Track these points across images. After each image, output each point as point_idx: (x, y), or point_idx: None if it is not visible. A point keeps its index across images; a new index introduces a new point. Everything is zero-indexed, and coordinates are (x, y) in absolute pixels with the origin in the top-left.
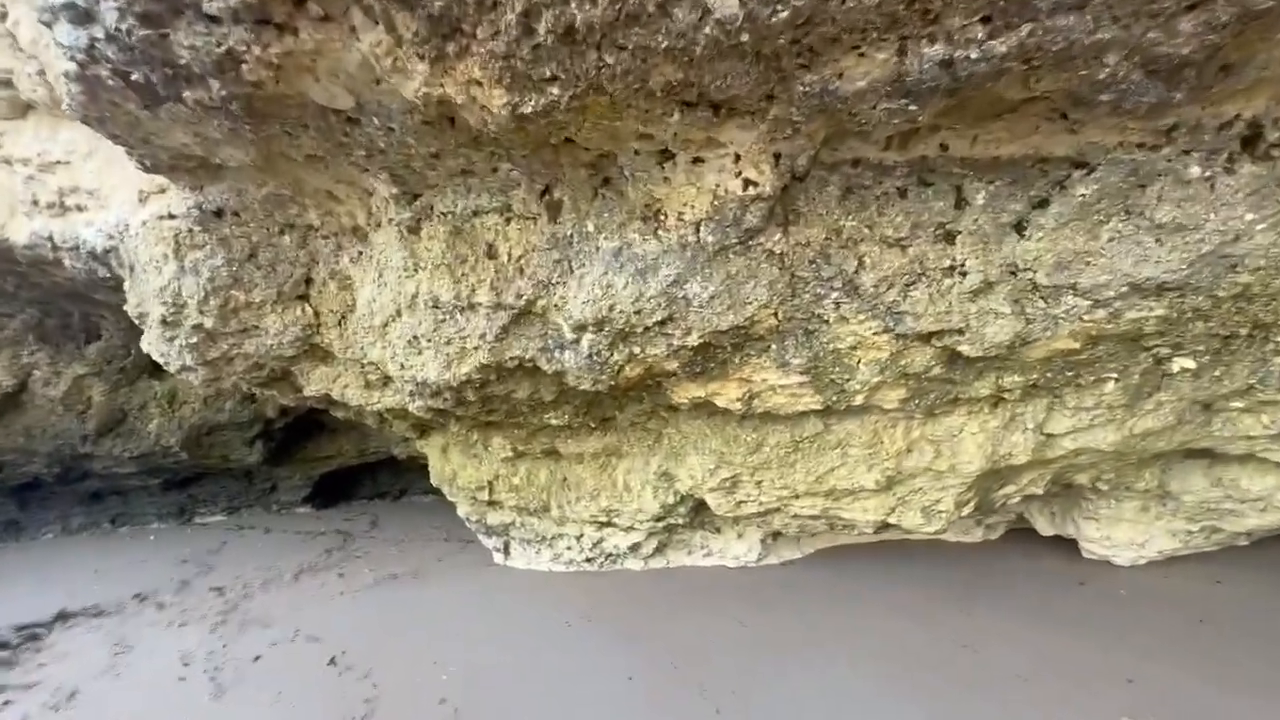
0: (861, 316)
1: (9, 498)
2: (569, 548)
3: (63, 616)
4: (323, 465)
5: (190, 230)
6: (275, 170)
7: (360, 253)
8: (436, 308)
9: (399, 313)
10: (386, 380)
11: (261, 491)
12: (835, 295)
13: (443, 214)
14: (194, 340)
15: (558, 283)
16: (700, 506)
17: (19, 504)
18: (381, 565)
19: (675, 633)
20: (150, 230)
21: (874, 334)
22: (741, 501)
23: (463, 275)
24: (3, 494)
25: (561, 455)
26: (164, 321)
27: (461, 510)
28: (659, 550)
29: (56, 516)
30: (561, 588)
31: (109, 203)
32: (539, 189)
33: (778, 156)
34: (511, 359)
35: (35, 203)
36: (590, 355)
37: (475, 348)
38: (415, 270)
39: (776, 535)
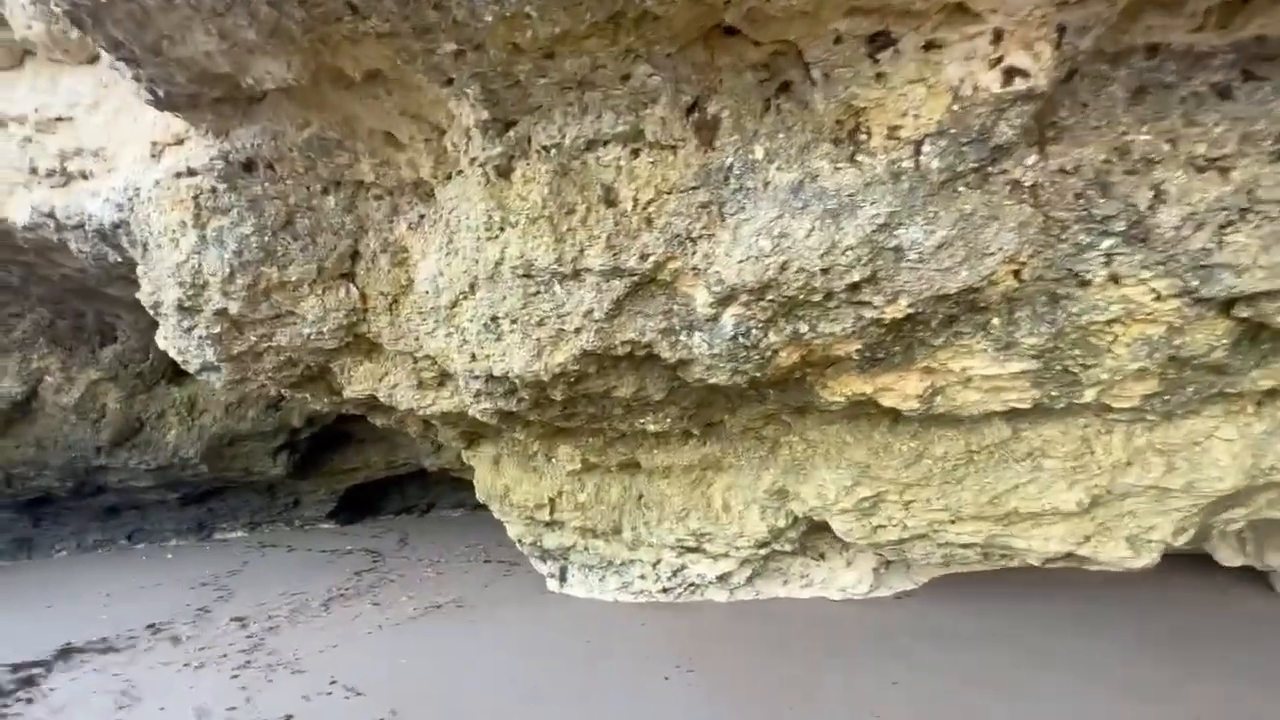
0: (1147, 273)
1: (21, 513)
2: (642, 576)
3: (65, 652)
4: (349, 478)
5: (214, 189)
6: (322, 101)
7: (422, 216)
8: (528, 277)
9: (474, 287)
10: (444, 378)
11: (284, 506)
12: (1110, 243)
13: (545, 148)
14: (216, 330)
15: (702, 235)
16: (811, 529)
17: (32, 520)
18: (420, 592)
19: (788, 685)
20: (165, 192)
21: (1157, 299)
22: (879, 526)
23: (568, 231)
24: (14, 510)
25: (642, 469)
26: (181, 307)
27: (513, 531)
28: (750, 580)
29: (71, 533)
30: (637, 625)
31: (117, 163)
32: (685, 103)
33: (1061, 31)
34: (623, 344)
35: (34, 171)
36: (736, 336)
37: (577, 329)
38: (502, 227)
39: (890, 563)
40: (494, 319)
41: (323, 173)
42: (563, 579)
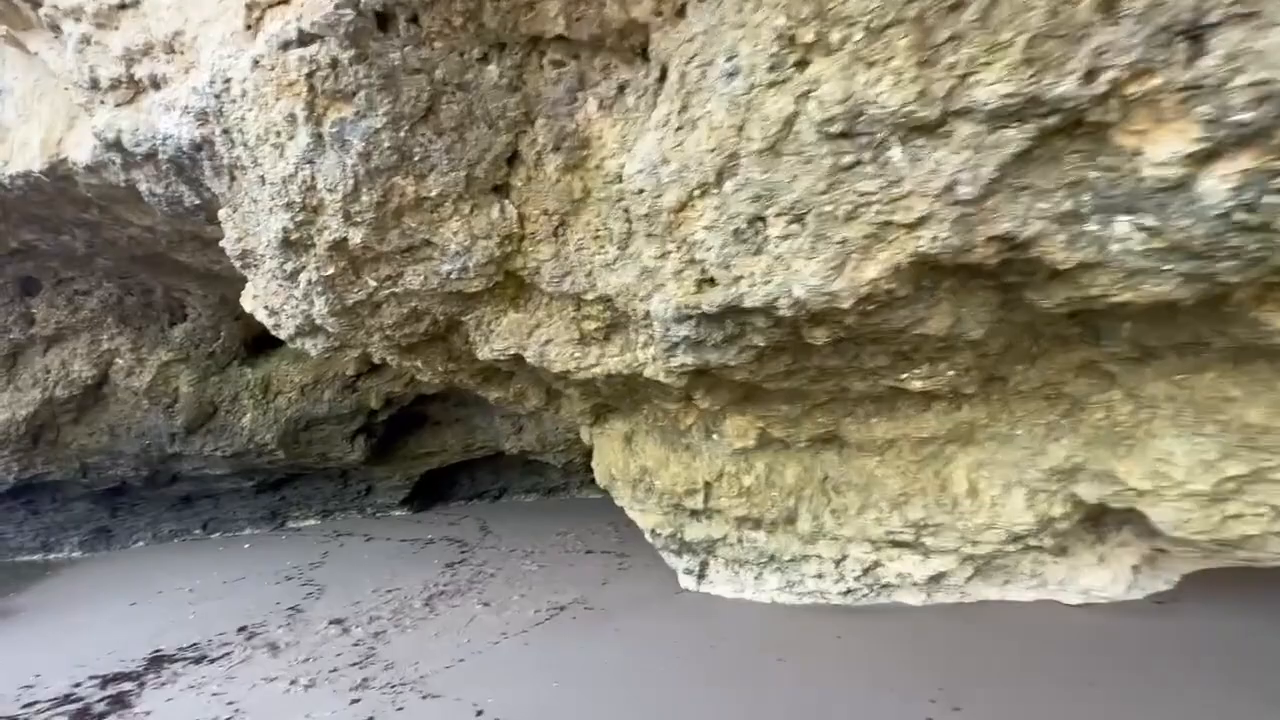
0: None
1: (98, 504)
2: (818, 575)
3: (156, 661)
4: (424, 463)
5: (334, 63)
6: None
7: (623, 87)
8: (846, 137)
9: (725, 174)
10: (613, 329)
11: (357, 494)
12: None
13: None
14: (330, 271)
15: (1206, 32)
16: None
17: (109, 510)
18: (531, 590)
19: None
20: (267, 75)
21: None
22: (1235, 517)
23: (947, 44)
24: (92, 500)
25: (845, 444)
26: (286, 242)
27: (648, 520)
28: (964, 580)
29: (147, 523)
30: (829, 636)
31: (198, 54)
32: None
33: None
34: (987, 243)
35: (95, 84)
36: (1232, 211)
37: (919, 220)
38: (806, 59)
39: (1156, 558)
40: (758, 219)
41: (489, 23)
42: (701, 576)
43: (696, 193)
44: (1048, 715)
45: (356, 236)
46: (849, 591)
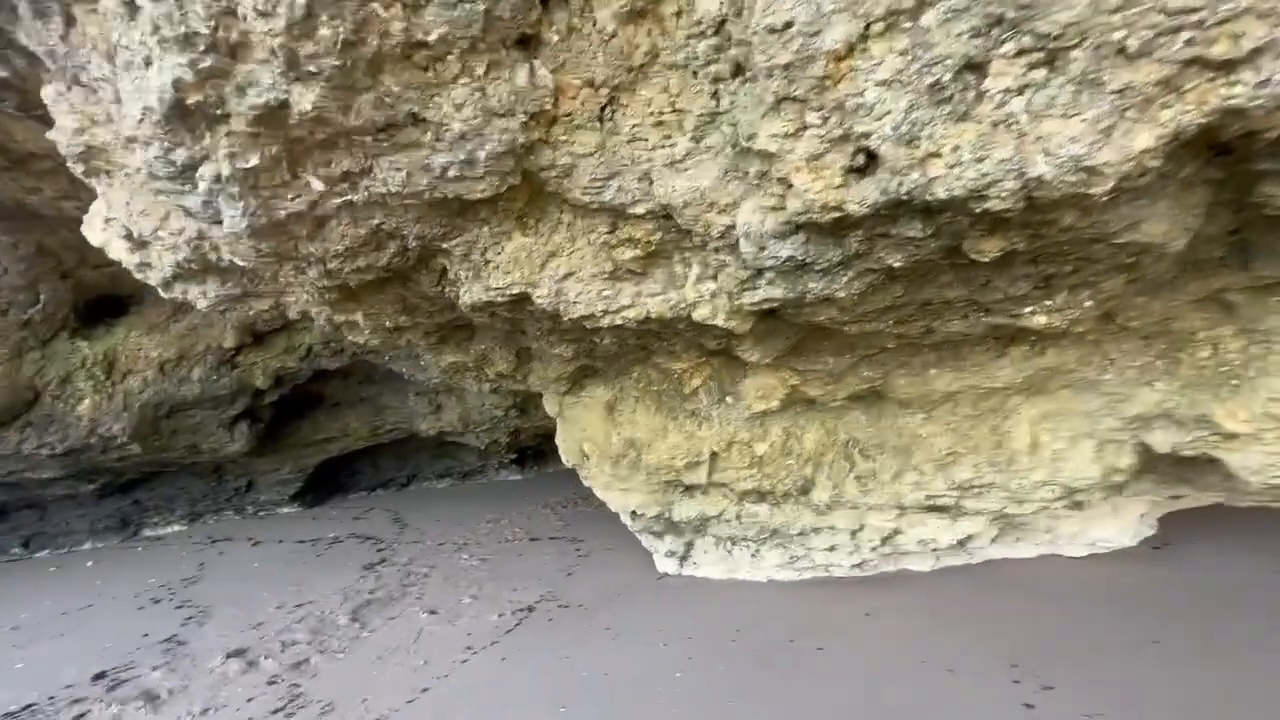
0: None
1: None
2: (830, 548)
3: None
4: (319, 451)
5: None
6: None
7: None
8: None
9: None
10: (656, 254)
11: (234, 491)
12: None
13: None
14: (253, 162)
15: None
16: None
17: None
18: (483, 590)
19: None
20: None
21: None
22: None
23: None
24: None
25: (885, 401)
26: (178, 110)
27: (627, 500)
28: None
29: None
30: (857, 613)
31: None
32: None
33: None
34: None
35: None
36: None
37: (1256, 50)
38: None
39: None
40: (974, 66)
41: None
42: (684, 558)
43: (877, 27)
44: (1144, 682)
45: (305, 100)
46: (861, 563)
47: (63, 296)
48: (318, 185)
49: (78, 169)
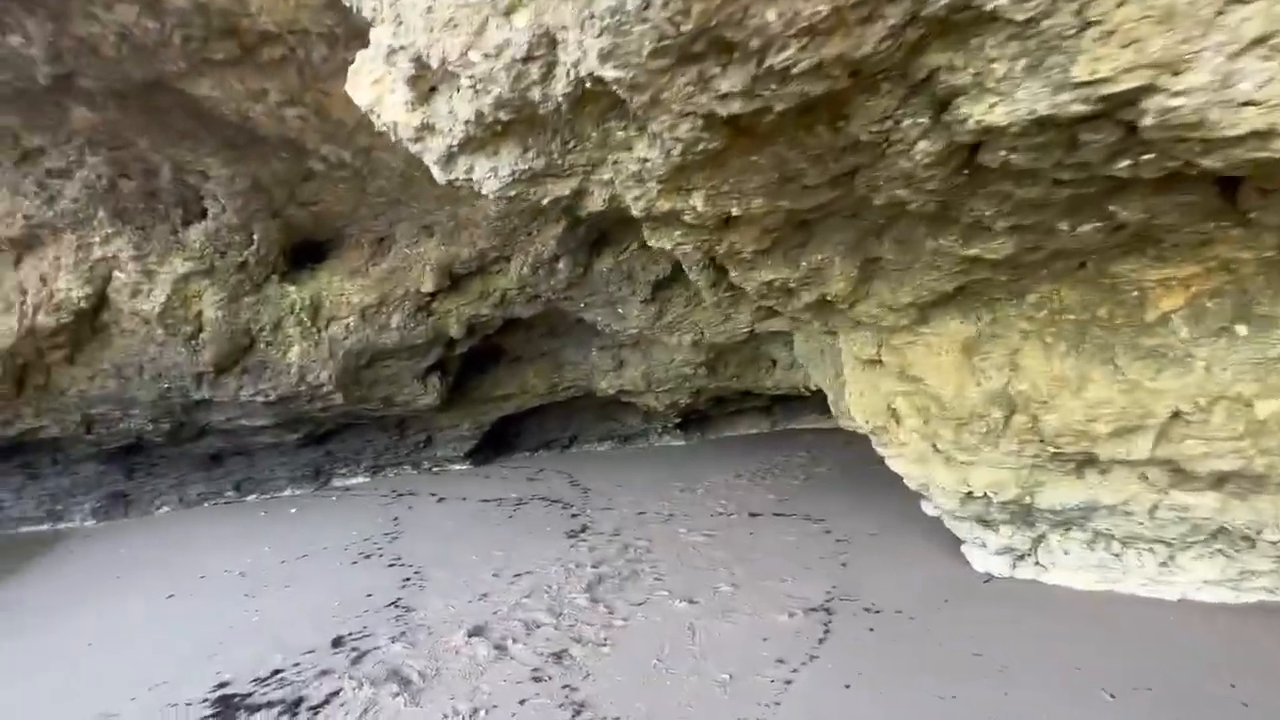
0: None
1: (111, 465)
2: None
3: (226, 710)
4: (497, 408)
5: None
6: None
7: None
8: None
9: None
10: None
11: (414, 446)
12: None
13: None
14: None
15: None
16: None
17: (125, 472)
18: (734, 574)
19: None
20: None
21: None
22: None
23: None
24: (102, 460)
25: None
26: None
27: (976, 477)
28: None
29: (171, 485)
30: None
31: None
32: None
33: None
34: None
35: None
36: None
37: None
38: None
39: None
40: None
41: None
42: (1023, 557)
43: None
44: None
45: None
46: None
47: (273, 238)
48: None
49: None
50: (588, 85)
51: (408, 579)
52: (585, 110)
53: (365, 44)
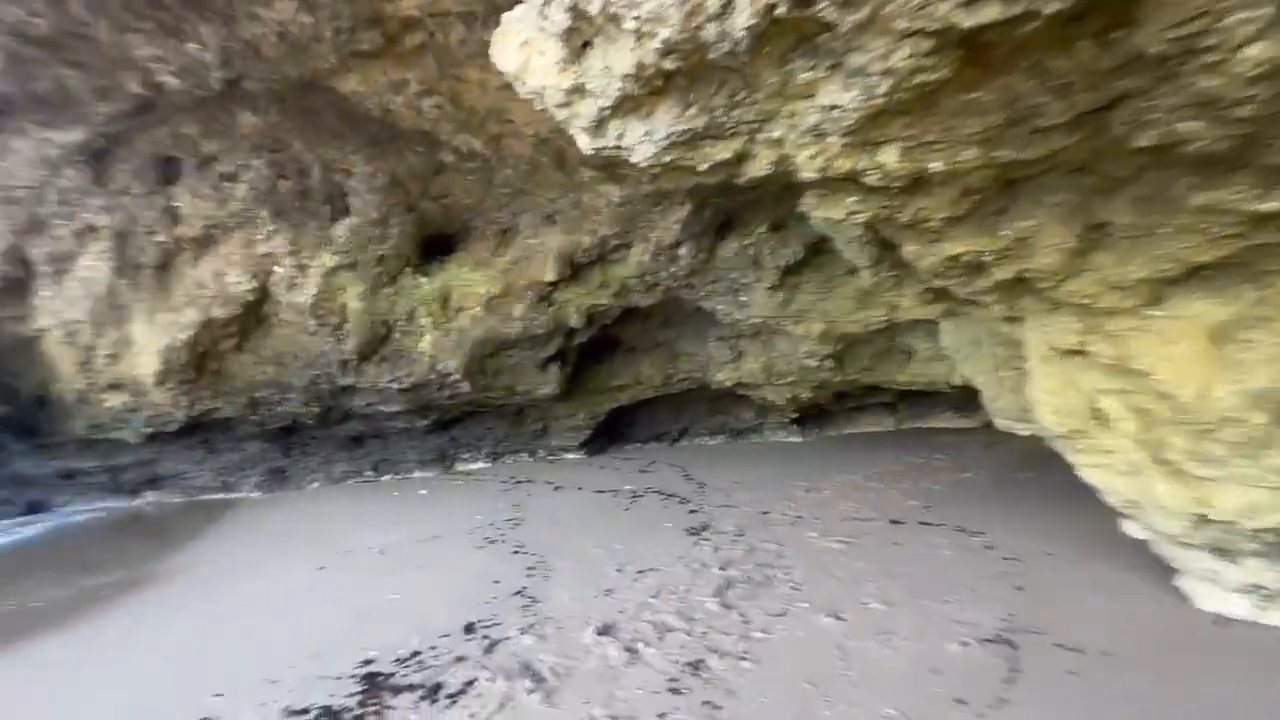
0: None
1: (272, 443)
2: None
3: (371, 689)
4: (611, 399)
5: None
6: None
7: None
8: None
9: None
10: None
11: (531, 435)
12: None
13: None
14: None
15: None
16: None
17: (283, 450)
18: (881, 589)
19: None
20: None
21: None
22: None
23: None
24: (265, 439)
25: None
26: None
27: (1222, 498)
28: None
29: (319, 463)
30: None
31: None
32: None
33: None
34: None
35: None
36: None
37: None
38: None
39: None
40: None
41: None
42: (1272, 600)
43: None
44: None
45: None
46: None
47: (408, 231)
48: None
49: None
50: (778, 12)
51: (532, 568)
52: (766, 49)
53: (504, 20)
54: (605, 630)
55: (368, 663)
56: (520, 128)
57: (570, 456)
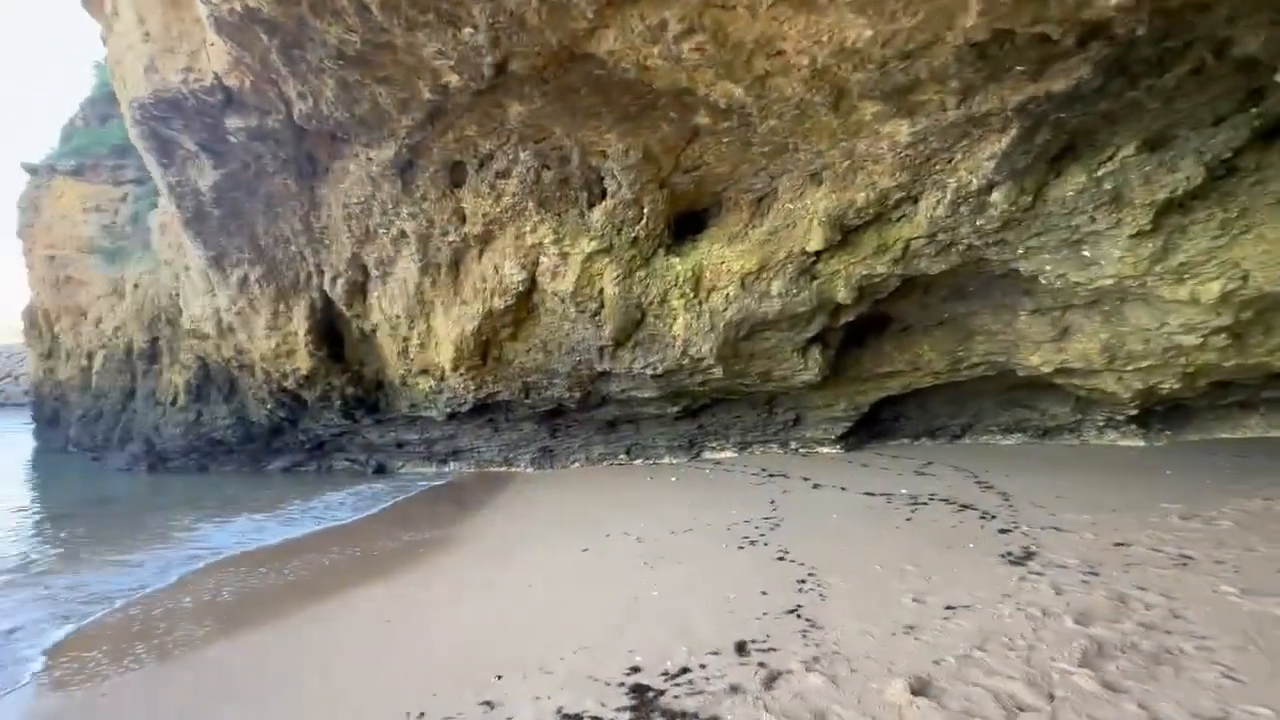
0: None
1: (541, 425)
2: None
3: (640, 703)
4: (878, 388)
5: None
6: None
7: None
8: None
9: None
10: None
11: (782, 425)
12: None
13: None
14: None
15: None
16: None
17: (550, 431)
18: None
19: None
20: None
21: None
22: None
23: None
24: (536, 420)
25: None
26: None
27: None
28: None
29: (580, 445)
30: None
31: None
32: None
33: None
34: None
35: None
36: None
37: None
38: None
39: None
40: None
41: None
42: None
43: None
44: None
45: None
46: None
47: (660, 209)
48: None
49: None
50: None
51: (802, 581)
52: None
53: None
54: (920, 689)
55: (635, 670)
56: (791, 59)
57: (825, 450)
